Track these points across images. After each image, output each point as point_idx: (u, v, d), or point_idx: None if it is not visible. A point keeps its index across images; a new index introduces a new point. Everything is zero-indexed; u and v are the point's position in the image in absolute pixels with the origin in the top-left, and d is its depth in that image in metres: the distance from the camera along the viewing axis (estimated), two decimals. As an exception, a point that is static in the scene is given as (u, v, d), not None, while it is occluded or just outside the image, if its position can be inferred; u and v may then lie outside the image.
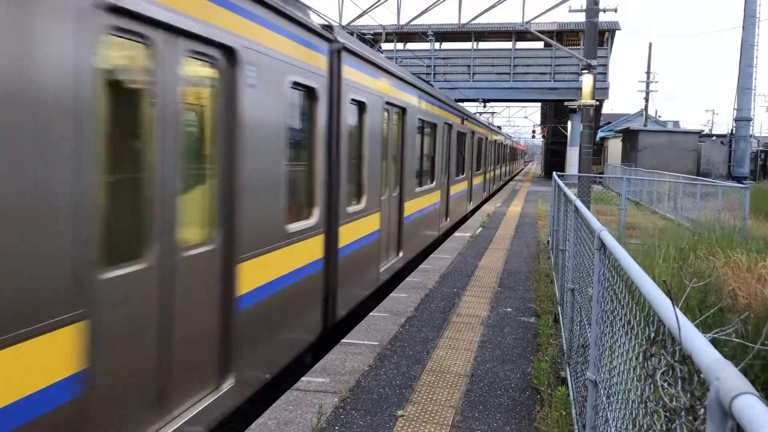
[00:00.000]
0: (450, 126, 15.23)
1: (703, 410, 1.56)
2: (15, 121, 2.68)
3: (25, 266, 2.75)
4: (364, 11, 19.66)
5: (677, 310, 1.79)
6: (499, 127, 46.99)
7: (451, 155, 15.79)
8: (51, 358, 2.90)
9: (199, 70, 4.22)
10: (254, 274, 4.89)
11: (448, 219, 15.58)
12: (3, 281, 2.65)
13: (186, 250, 4.02)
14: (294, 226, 5.70)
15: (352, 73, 7.21)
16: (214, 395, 4.33)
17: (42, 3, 2.78)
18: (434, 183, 13.37)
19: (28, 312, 2.76)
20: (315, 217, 6.25)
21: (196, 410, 4.08)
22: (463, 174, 18.35)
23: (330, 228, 6.72)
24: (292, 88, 5.57)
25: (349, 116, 7.29)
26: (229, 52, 4.42)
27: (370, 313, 7.76)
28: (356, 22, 22.43)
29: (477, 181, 22.55)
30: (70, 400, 3.01)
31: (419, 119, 11.42)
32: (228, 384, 4.49)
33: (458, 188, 17.42)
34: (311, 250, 6.13)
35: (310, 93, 6.12)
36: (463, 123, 17.83)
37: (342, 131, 6.88)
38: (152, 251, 3.70)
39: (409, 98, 10.46)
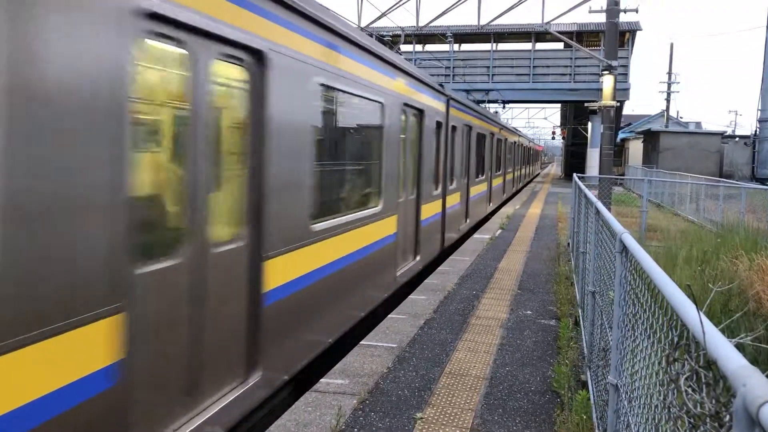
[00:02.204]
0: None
1: (728, 417, 1.54)
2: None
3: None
4: (383, 13, 19.70)
5: (702, 315, 1.76)
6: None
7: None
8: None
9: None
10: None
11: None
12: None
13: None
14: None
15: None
16: None
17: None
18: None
19: None
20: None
21: None
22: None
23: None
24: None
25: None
26: None
27: (389, 315, 7.76)
28: (375, 24, 22.47)
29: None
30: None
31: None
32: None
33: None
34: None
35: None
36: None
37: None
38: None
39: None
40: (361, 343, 6.66)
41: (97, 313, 3.09)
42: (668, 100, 56.94)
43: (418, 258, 10.23)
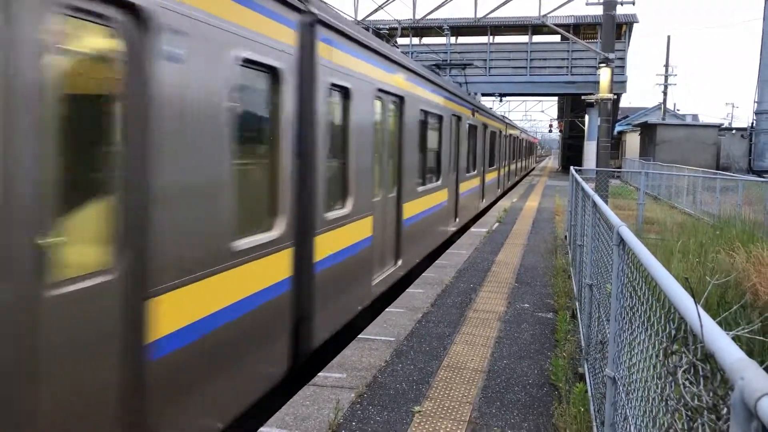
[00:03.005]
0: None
1: (726, 410, 1.54)
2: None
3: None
4: (379, 6, 19.64)
5: (699, 308, 1.76)
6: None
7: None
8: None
9: None
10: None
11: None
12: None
13: None
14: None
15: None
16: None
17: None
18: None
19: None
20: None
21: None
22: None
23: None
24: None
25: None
26: None
27: (387, 309, 7.77)
28: (372, 17, 22.43)
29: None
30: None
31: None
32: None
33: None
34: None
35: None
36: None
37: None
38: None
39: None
40: (358, 336, 6.67)
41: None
42: (665, 93, 56.97)
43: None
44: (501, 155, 25.08)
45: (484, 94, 37.67)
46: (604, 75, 17.95)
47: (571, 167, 13.95)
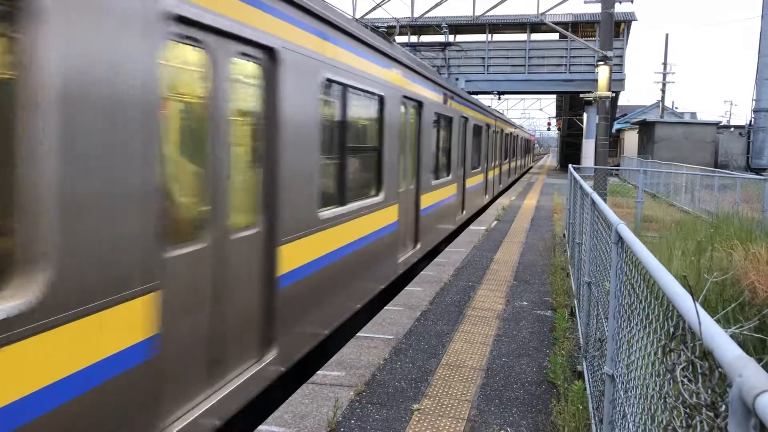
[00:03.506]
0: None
1: (724, 407, 1.54)
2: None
3: None
4: (377, 4, 19.63)
5: (698, 306, 1.76)
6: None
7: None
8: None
9: None
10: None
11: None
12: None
13: None
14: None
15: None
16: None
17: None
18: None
19: None
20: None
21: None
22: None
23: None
24: None
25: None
26: None
27: (385, 307, 7.77)
28: (370, 15, 22.40)
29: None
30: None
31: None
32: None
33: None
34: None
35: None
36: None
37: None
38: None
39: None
40: (357, 335, 6.67)
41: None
42: (663, 91, 57.01)
43: None
44: (489, 155, 20.90)
45: (482, 92, 37.71)
46: (603, 73, 17.96)
47: (570, 165, 13.95)
